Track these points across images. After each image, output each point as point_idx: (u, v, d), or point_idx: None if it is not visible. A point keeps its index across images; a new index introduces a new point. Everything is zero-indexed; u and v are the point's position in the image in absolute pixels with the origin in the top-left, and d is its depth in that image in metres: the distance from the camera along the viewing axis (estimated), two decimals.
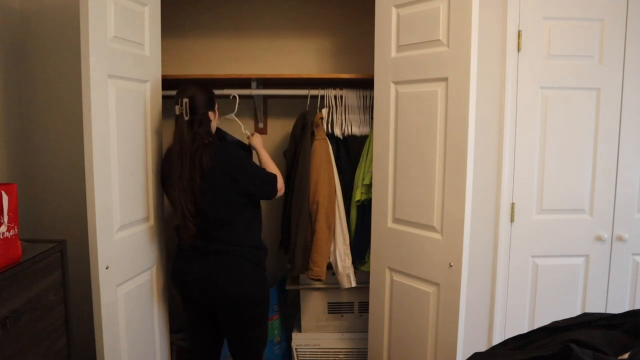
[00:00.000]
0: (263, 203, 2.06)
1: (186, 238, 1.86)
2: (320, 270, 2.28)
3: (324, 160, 2.29)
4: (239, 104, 2.31)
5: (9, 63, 2.24)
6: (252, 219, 1.98)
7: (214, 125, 1.95)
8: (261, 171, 1.97)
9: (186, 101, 1.82)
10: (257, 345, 2.00)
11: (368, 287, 2.23)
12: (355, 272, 2.35)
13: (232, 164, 1.86)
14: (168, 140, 2.19)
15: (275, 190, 1.98)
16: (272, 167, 2.06)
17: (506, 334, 2.16)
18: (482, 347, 1.98)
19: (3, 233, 1.45)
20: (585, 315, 1.30)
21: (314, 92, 2.41)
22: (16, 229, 1.51)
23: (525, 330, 1.31)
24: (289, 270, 2.43)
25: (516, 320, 2.19)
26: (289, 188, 2.32)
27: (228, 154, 1.89)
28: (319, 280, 2.30)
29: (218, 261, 1.87)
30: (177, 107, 1.84)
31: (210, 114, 1.91)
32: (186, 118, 1.82)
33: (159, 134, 2.06)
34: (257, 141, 2.15)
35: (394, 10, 1.98)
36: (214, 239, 1.87)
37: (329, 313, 2.53)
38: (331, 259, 2.32)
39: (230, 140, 2.11)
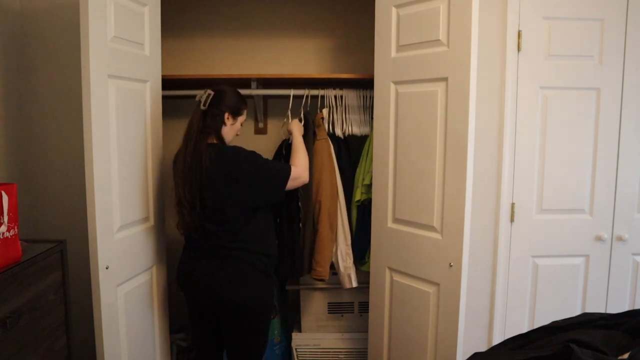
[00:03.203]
0: None
1: (181, 226, 1.84)
2: (323, 270, 2.27)
3: (326, 160, 2.29)
4: None
5: (9, 63, 2.24)
6: (266, 226, 1.92)
7: (227, 131, 1.88)
8: (267, 163, 1.86)
9: (210, 93, 1.84)
10: (253, 354, 1.92)
11: (368, 287, 2.22)
12: (355, 272, 2.35)
13: (232, 160, 1.79)
14: (168, 140, 2.20)
15: (285, 182, 1.85)
16: (299, 156, 1.98)
17: (506, 334, 2.16)
18: (482, 347, 1.98)
19: (3, 233, 1.45)
20: (585, 315, 1.30)
21: (314, 92, 2.41)
22: (16, 229, 1.52)
23: (525, 330, 1.31)
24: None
25: (516, 320, 2.19)
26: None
27: (227, 149, 1.83)
28: (322, 280, 2.30)
29: (223, 266, 1.83)
30: (197, 96, 1.85)
31: (227, 116, 1.85)
32: (202, 108, 1.83)
33: (159, 134, 2.06)
34: (294, 126, 2.15)
35: (394, 10, 1.98)
36: (221, 244, 1.82)
37: (329, 313, 2.53)
38: (333, 259, 2.32)
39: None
